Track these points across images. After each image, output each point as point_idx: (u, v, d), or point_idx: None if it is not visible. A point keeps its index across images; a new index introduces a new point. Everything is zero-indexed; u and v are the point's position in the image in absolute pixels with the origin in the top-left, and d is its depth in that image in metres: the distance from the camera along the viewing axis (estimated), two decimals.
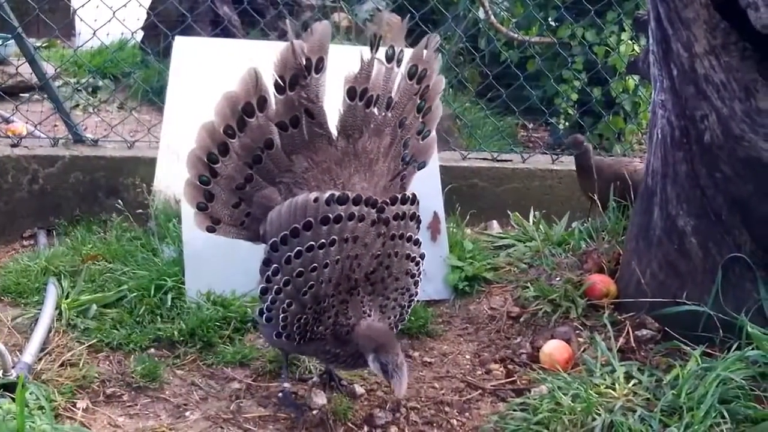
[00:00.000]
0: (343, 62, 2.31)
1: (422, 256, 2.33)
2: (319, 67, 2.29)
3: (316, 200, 2.12)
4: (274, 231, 2.17)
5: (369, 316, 2.22)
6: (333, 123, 2.35)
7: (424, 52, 2.41)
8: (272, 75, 2.27)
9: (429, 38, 2.41)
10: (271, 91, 2.29)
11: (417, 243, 2.30)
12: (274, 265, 2.17)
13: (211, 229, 2.35)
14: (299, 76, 2.27)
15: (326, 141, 2.32)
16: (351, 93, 2.31)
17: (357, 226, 2.15)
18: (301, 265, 2.13)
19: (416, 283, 2.34)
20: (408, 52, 2.40)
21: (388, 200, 2.19)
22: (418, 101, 2.42)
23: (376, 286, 2.25)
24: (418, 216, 2.30)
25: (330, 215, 2.11)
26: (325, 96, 2.32)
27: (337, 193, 2.13)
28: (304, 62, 2.26)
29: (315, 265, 2.13)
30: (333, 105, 2.34)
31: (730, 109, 2.49)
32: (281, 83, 2.28)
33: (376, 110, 2.34)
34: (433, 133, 2.49)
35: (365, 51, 2.30)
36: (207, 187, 2.32)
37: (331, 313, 2.20)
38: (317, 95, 2.30)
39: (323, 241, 2.12)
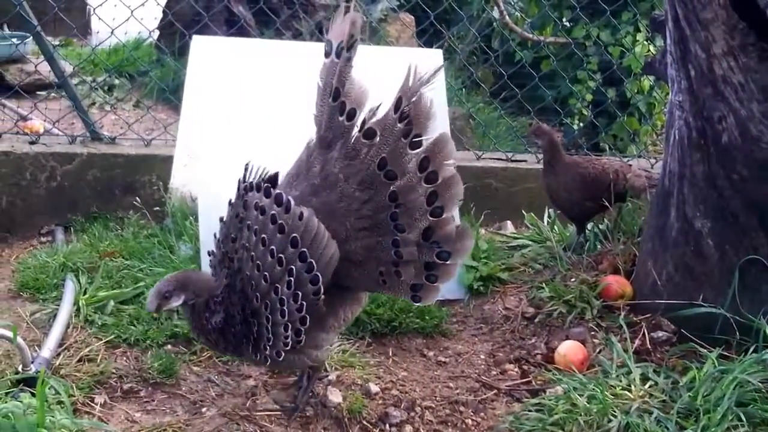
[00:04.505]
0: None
1: (298, 311, 2.03)
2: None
3: None
4: None
5: (216, 304, 2.14)
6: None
7: (410, 82, 2.04)
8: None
9: (411, 68, 2.04)
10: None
11: (285, 268, 2.00)
12: None
13: None
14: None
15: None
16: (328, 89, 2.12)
17: (235, 201, 2.14)
18: None
19: (273, 331, 2.06)
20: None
21: (253, 183, 2.07)
22: (420, 155, 2.05)
23: (239, 283, 2.13)
24: (294, 235, 2.00)
25: None
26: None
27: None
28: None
29: None
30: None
31: (748, 111, 2.48)
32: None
33: (346, 121, 2.10)
34: (449, 215, 2.09)
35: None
36: None
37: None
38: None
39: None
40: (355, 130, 2.08)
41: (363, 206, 2.08)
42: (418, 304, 2.17)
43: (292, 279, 2.03)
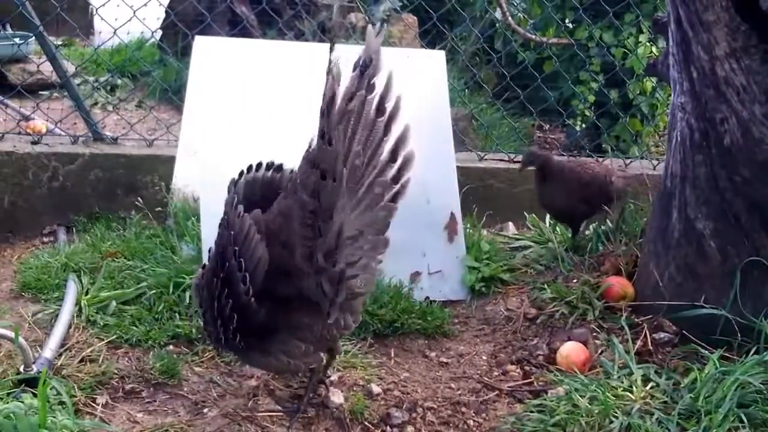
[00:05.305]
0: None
1: (225, 307, 2.08)
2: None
3: None
4: None
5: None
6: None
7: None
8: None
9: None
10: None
11: (222, 263, 2.09)
12: None
13: None
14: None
15: None
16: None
17: None
18: None
19: (211, 323, 2.15)
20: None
21: (234, 178, 2.19)
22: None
23: None
24: (233, 232, 2.06)
25: None
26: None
27: None
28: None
29: None
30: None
31: (750, 113, 2.48)
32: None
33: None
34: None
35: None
36: None
37: None
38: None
39: None
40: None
41: (308, 215, 2.08)
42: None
43: (223, 275, 2.08)
